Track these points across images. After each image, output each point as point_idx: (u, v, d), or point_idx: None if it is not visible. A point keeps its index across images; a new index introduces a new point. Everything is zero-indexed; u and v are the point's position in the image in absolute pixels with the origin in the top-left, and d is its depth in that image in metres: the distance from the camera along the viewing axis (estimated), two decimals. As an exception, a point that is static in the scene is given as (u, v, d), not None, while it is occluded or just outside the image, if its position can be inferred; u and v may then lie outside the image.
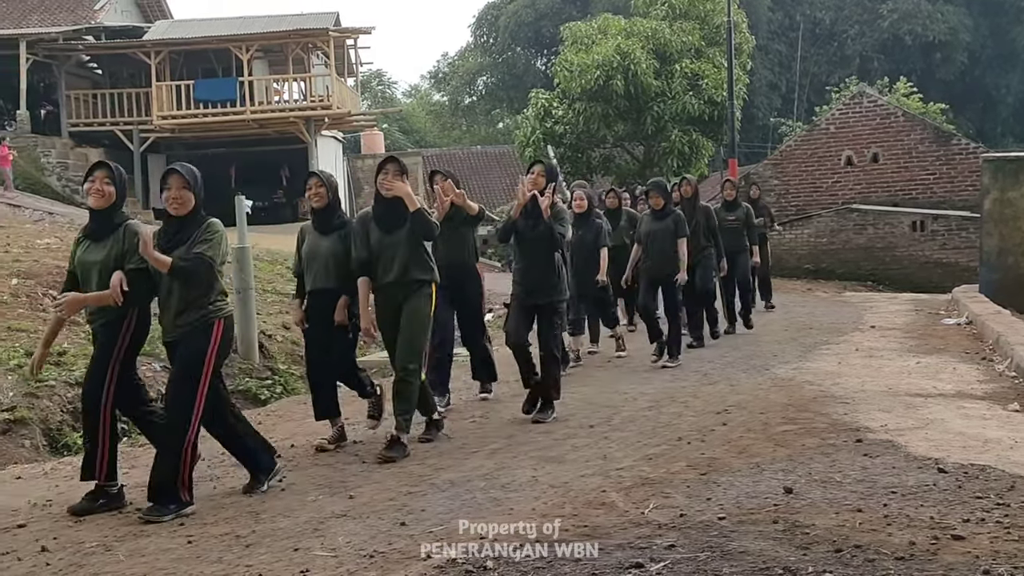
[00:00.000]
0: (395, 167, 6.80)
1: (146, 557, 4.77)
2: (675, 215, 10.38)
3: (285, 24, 32.12)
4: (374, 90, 61.24)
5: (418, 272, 6.71)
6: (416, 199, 6.61)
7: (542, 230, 7.53)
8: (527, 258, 7.73)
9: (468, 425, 7.65)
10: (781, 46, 47.93)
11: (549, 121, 27.43)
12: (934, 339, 11.41)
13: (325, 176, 7.22)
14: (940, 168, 24.13)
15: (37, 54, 29.91)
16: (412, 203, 6.56)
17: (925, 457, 5.52)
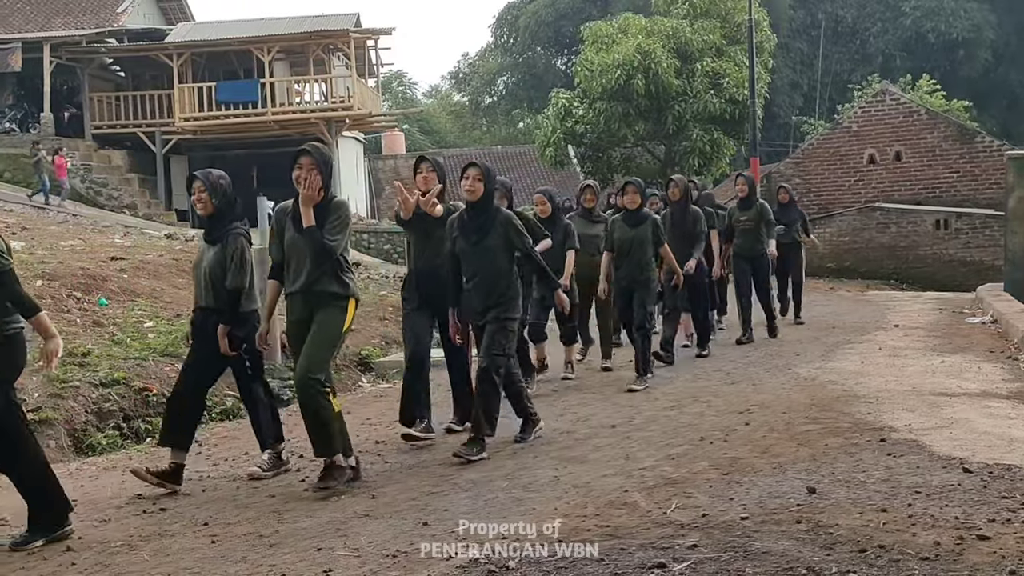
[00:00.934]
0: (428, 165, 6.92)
1: (170, 556, 4.80)
2: (652, 220, 9.27)
3: (306, 25, 32.22)
4: (395, 91, 61.34)
5: (329, 284, 5.92)
6: (311, 215, 5.81)
7: (489, 242, 6.60)
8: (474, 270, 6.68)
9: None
10: (803, 44, 47.70)
11: (569, 121, 27.41)
12: (958, 338, 11.34)
13: (212, 179, 6.44)
14: (964, 166, 23.99)
15: (61, 57, 30.12)
16: (307, 218, 5.81)
17: (950, 457, 5.48)
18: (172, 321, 11.11)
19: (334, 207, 5.91)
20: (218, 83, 30.98)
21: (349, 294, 5.98)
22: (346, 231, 5.95)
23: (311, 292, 5.89)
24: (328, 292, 5.90)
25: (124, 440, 8.29)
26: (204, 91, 30.41)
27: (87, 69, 31.30)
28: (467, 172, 6.64)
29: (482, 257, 6.60)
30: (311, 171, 5.82)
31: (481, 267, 6.61)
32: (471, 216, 6.64)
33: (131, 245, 17.09)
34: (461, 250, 6.67)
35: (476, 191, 6.58)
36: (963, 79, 43.93)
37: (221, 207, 6.37)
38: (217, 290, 6.34)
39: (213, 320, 6.32)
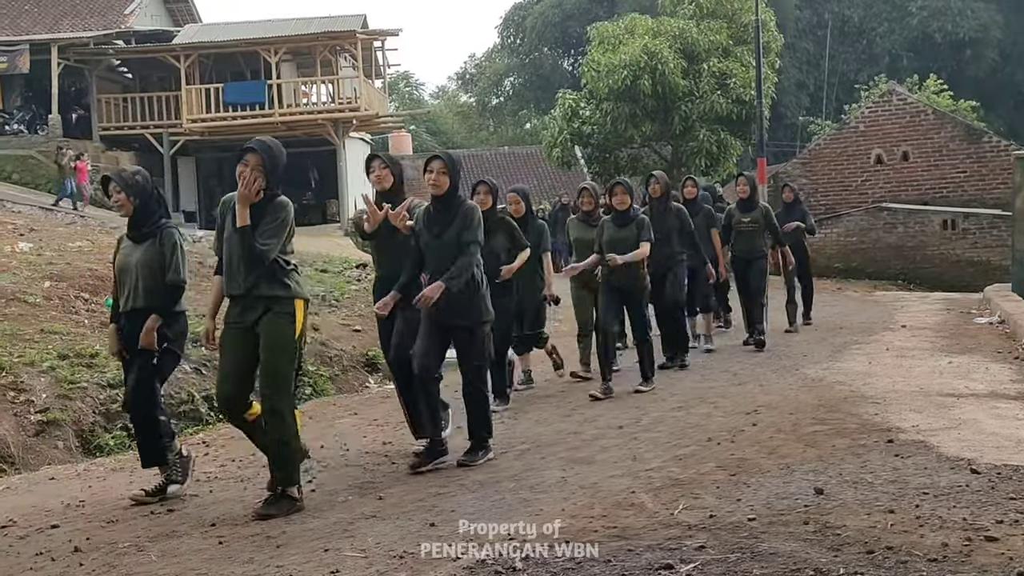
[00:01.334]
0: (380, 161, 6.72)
1: (178, 557, 4.81)
2: (639, 220, 8.86)
3: (313, 27, 32.27)
4: (401, 92, 61.40)
5: (269, 287, 5.54)
6: (246, 214, 5.47)
7: (452, 236, 6.28)
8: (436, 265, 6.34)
9: (496, 427, 7.64)
10: (809, 44, 47.64)
11: (576, 121, 27.40)
12: (966, 338, 11.31)
13: (125, 178, 6.15)
14: (971, 166, 23.94)
15: (69, 59, 30.21)
16: (241, 217, 5.47)
17: (957, 458, 5.47)
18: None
19: (272, 208, 5.53)
20: (225, 84, 31.06)
21: (293, 295, 5.58)
22: (282, 234, 5.52)
23: (250, 297, 5.53)
24: (268, 296, 5.52)
25: (131, 441, 8.28)
26: (211, 92, 30.49)
27: (95, 71, 31.38)
28: (431, 165, 6.35)
29: (445, 252, 6.29)
30: (254, 169, 5.49)
31: (444, 262, 6.27)
32: (436, 210, 6.36)
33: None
34: (425, 244, 6.37)
35: (441, 184, 6.29)
36: (970, 79, 43.86)
37: (142, 205, 6.09)
38: (150, 289, 6.03)
39: (141, 324, 5.97)
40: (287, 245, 5.65)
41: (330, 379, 10.51)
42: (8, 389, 8.16)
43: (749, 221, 11.30)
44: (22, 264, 12.05)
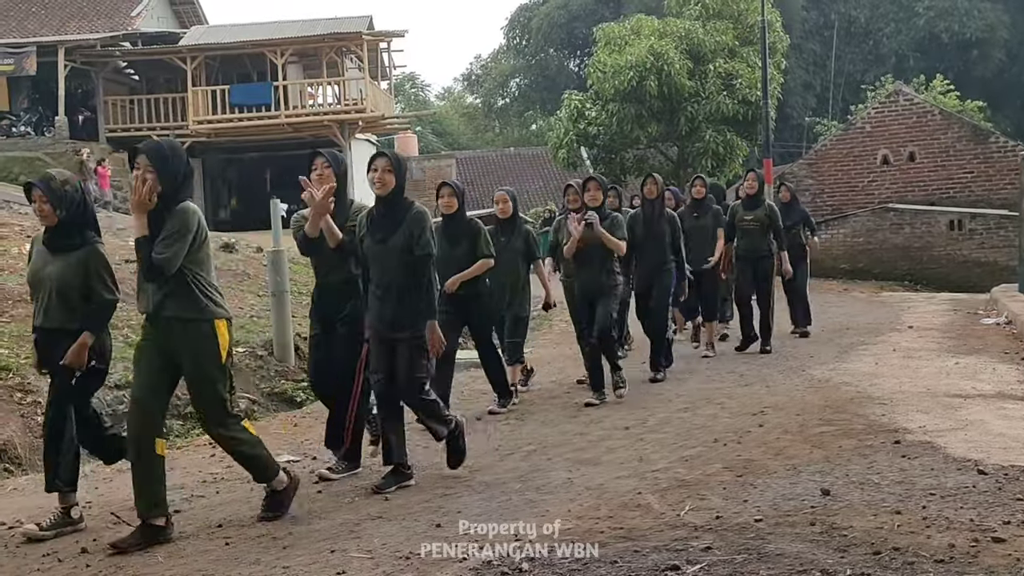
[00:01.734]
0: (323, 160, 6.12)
1: (184, 559, 4.81)
2: (612, 219, 8.36)
3: (319, 28, 32.28)
4: (407, 93, 61.43)
5: (178, 308, 5.06)
6: (143, 226, 4.96)
7: (397, 242, 5.79)
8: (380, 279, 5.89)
9: (502, 427, 7.65)
10: (816, 45, 47.59)
11: (582, 122, 27.39)
12: (973, 339, 11.29)
13: (54, 187, 5.54)
14: (978, 166, 23.87)
15: (75, 61, 30.26)
16: (138, 227, 4.97)
17: (964, 458, 5.46)
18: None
19: (173, 215, 4.96)
20: (231, 86, 31.08)
21: (211, 316, 5.08)
22: (182, 244, 4.93)
23: (159, 318, 5.08)
24: (178, 319, 5.04)
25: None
26: (218, 94, 30.51)
27: (101, 73, 31.43)
28: (375, 163, 5.84)
29: (389, 260, 5.80)
30: (146, 171, 4.95)
31: (388, 272, 5.81)
32: (380, 212, 5.87)
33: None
34: (368, 251, 5.90)
35: (386, 184, 5.78)
36: (977, 79, 43.78)
37: (68, 217, 5.52)
38: (66, 307, 5.54)
39: (67, 344, 5.48)
40: (203, 260, 5.11)
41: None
42: (15, 390, 8.16)
43: (752, 219, 10.83)
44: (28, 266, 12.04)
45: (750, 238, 10.87)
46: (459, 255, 7.77)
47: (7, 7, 32.43)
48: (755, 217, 10.83)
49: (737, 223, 10.90)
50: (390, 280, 5.80)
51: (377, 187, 5.80)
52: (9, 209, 19.53)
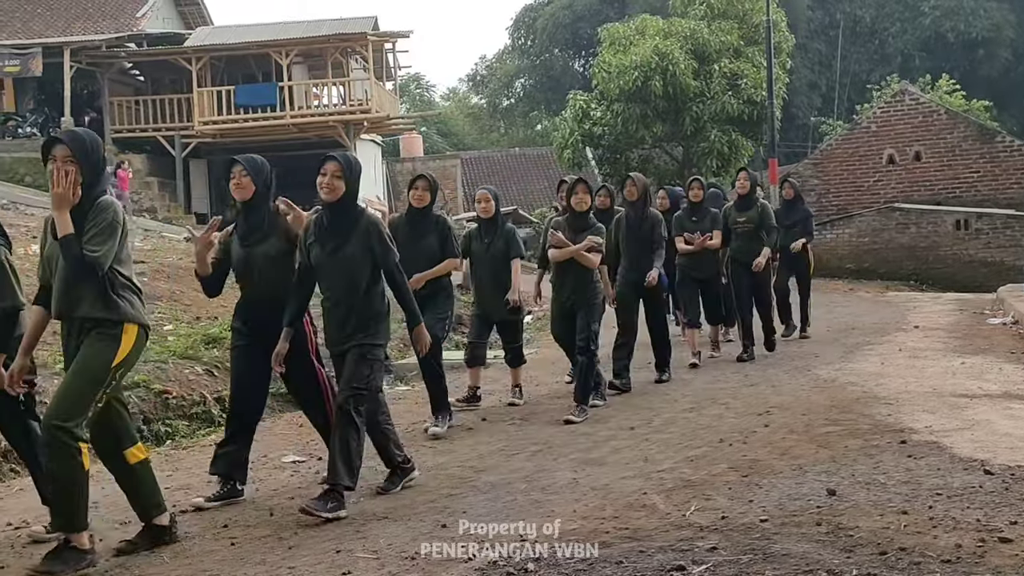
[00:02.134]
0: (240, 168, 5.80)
1: (190, 559, 4.81)
2: (595, 228, 7.97)
3: (324, 29, 32.29)
4: (412, 94, 61.42)
5: (92, 308, 4.75)
6: (67, 220, 4.64)
7: (349, 252, 5.51)
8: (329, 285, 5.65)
9: (508, 428, 7.65)
10: (821, 45, 47.54)
11: (587, 122, 27.39)
12: (979, 339, 11.27)
13: None
14: (984, 166, 23.84)
15: (81, 62, 30.29)
16: (62, 226, 4.66)
17: (971, 458, 5.45)
18: (192, 324, 11.15)
19: (95, 210, 4.69)
20: (237, 87, 31.09)
21: (121, 318, 4.77)
22: (114, 239, 4.69)
23: (73, 320, 4.81)
24: (91, 318, 4.74)
25: (144, 443, 8.29)
26: (223, 95, 30.54)
27: (107, 73, 31.47)
28: (324, 167, 5.51)
29: (340, 271, 5.52)
30: (65, 163, 4.66)
31: (339, 282, 5.56)
32: (330, 220, 5.55)
33: (151, 249, 17.18)
34: (316, 260, 5.55)
35: (335, 190, 5.46)
36: (983, 79, 43.71)
37: None
38: None
39: None
40: (125, 259, 4.86)
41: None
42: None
43: (745, 221, 10.46)
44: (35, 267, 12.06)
45: (745, 240, 10.47)
46: (424, 249, 7.47)
47: (13, 8, 32.48)
48: (748, 218, 10.46)
49: (732, 225, 10.50)
50: (341, 292, 5.55)
51: (325, 192, 5.47)
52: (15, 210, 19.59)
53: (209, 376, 9.28)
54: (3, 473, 7.28)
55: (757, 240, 10.42)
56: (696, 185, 10.61)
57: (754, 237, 10.44)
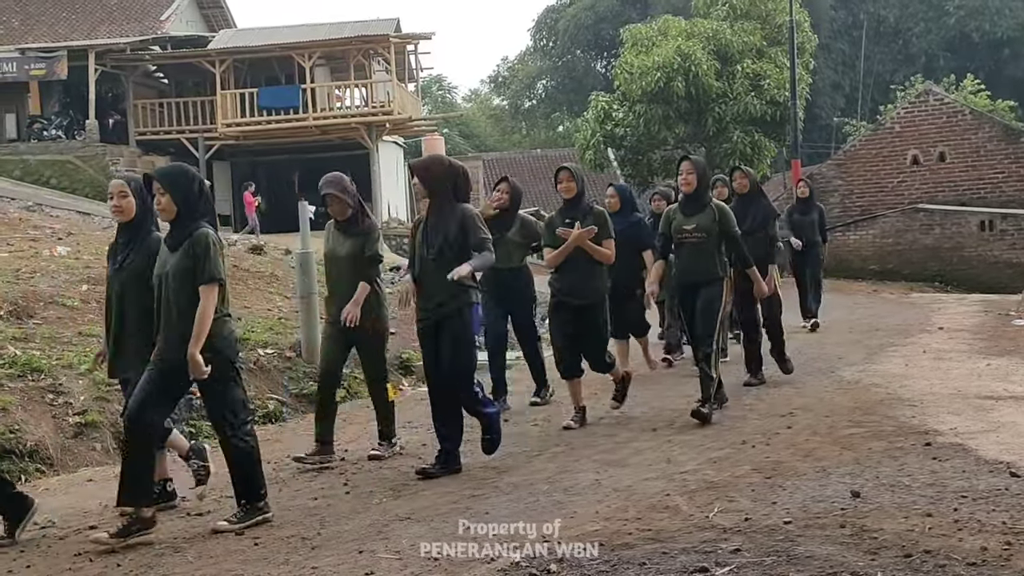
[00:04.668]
0: None
1: (214, 558, 4.84)
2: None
3: (347, 31, 32.38)
4: (434, 95, 61.51)
5: None
6: None
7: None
8: None
9: (530, 428, 7.65)
10: (844, 45, 47.30)
11: (609, 124, 27.32)
12: (1004, 340, 11.19)
13: None
14: (1009, 166, 23.65)
15: (105, 64, 30.50)
16: None
17: (996, 461, 5.42)
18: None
19: None
20: (260, 89, 31.22)
21: None
22: None
23: None
24: None
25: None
26: (246, 97, 30.67)
27: (131, 76, 31.67)
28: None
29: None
30: None
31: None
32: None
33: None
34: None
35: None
36: (1008, 78, 43.40)
37: None
38: None
39: None
40: None
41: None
42: (47, 391, 8.23)
43: (693, 228, 7.60)
44: (60, 268, 12.18)
45: (689, 256, 7.68)
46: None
47: (39, 12, 32.73)
48: (697, 225, 7.58)
49: (673, 235, 7.76)
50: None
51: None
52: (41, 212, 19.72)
53: (233, 376, 9.32)
54: (29, 473, 7.34)
55: (709, 256, 7.59)
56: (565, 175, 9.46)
57: (704, 252, 7.58)
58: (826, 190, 22.95)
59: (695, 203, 7.63)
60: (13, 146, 30.08)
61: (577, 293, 7.47)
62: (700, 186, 7.65)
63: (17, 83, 30.29)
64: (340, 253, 6.95)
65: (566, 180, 7.55)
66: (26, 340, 9.24)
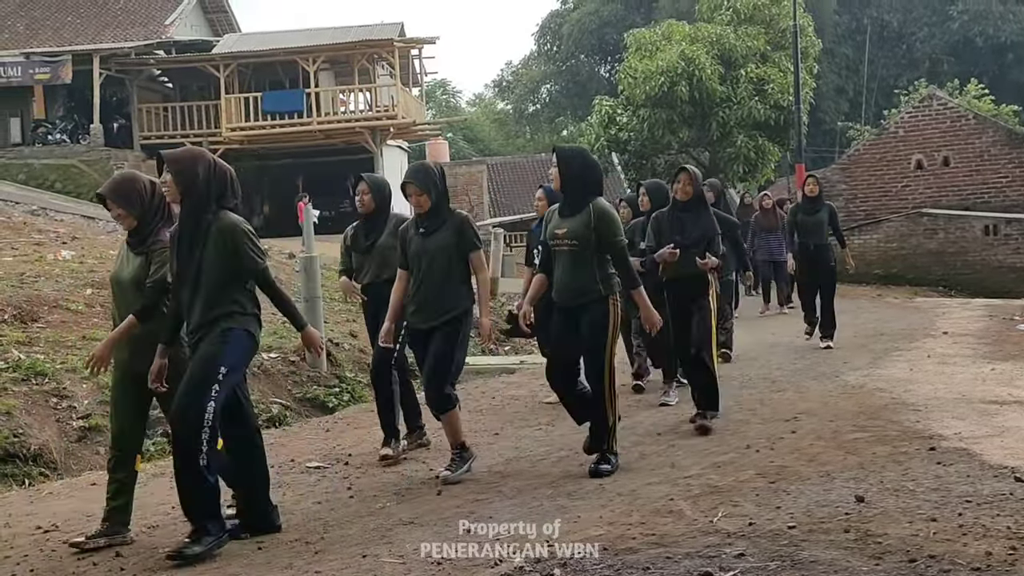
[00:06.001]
0: None
1: (218, 563, 4.84)
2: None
3: (351, 35, 32.42)
4: (438, 99, 61.59)
5: None
6: None
7: None
8: None
9: (534, 432, 7.65)
10: (848, 49, 47.31)
11: (613, 128, 27.36)
12: (1009, 345, 11.18)
13: None
14: (1013, 171, 23.62)
15: (110, 69, 30.54)
16: None
17: (1001, 465, 5.40)
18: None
19: None
20: (264, 93, 31.26)
21: None
22: None
23: None
24: None
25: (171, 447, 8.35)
26: (250, 101, 30.71)
27: (136, 80, 31.71)
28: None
29: None
30: None
31: None
32: None
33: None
34: None
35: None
36: (1012, 83, 43.39)
37: None
38: None
39: None
40: None
41: (368, 385, 10.53)
42: (51, 395, 8.24)
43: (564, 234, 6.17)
44: (64, 272, 12.18)
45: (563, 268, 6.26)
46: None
47: (44, 17, 32.79)
48: (568, 230, 6.15)
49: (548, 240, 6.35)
50: None
51: None
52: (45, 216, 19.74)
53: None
54: (32, 477, 7.35)
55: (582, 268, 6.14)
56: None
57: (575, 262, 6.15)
58: (830, 194, 22.84)
59: (573, 202, 6.15)
60: (17, 150, 30.08)
61: None
62: (568, 182, 6.15)
63: (22, 87, 30.31)
64: None
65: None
66: (30, 344, 9.25)
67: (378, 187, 7.51)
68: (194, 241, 5.03)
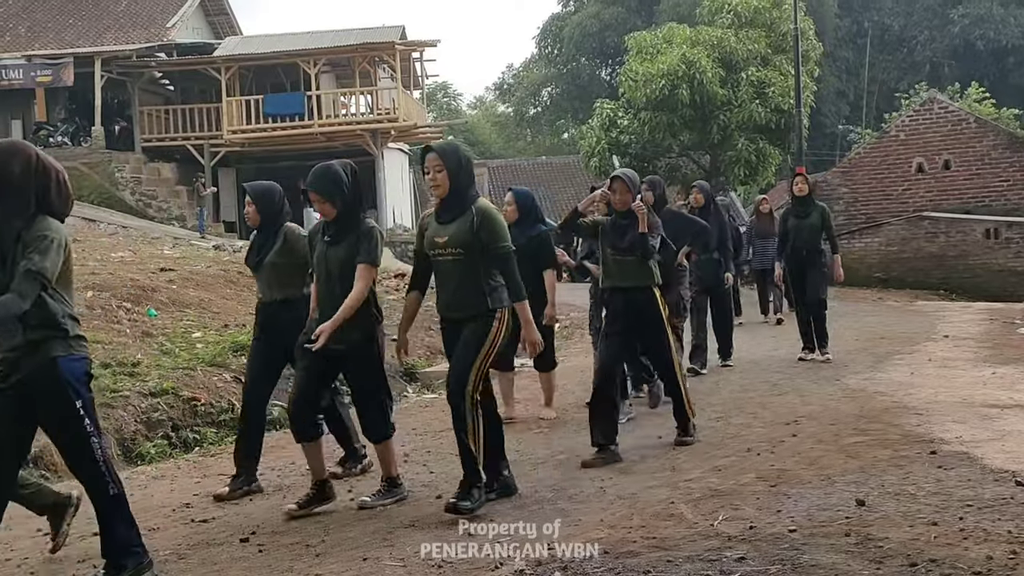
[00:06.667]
0: None
1: (218, 565, 4.84)
2: None
3: (352, 38, 32.47)
4: (439, 102, 61.63)
5: None
6: None
7: None
8: None
9: (535, 436, 7.65)
10: (849, 53, 47.34)
11: (614, 131, 27.38)
12: (1010, 349, 11.17)
13: None
14: (1014, 174, 23.61)
15: (112, 71, 30.60)
16: None
17: (1002, 469, 5.40)
18: (220, 331, 11.21)
19: None
20: (265, 96, 31.32)
21: None
22: None
23: None
24: None
25: (172, 449, 8.37)
26: (252, 104, 30.76)
27: (137, 83, 31.76)
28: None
29: None
30: None
31: None
32: None
33: (180, 256, 17.30)
34: None
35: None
36: (1013, 87, 43.39)
37: None
38: None
39: None
40: None
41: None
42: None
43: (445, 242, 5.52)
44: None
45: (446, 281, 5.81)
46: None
47: (45, 19, 32.85)
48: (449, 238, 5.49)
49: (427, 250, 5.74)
50: None
51: None
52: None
53: (237, 383, 9.33)
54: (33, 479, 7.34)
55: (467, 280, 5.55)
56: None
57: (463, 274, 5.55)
58: (831, 198, 22.93)
59: (452, 205, 5.49)
60: (19, 152, 30.13)
61: None
62: (452, 179, 5.47)
63: (23, 90, 30.39)
64: None
65: None
66: (31, 346, 9.24)
67: (263, 197, 6.56)
68: None
